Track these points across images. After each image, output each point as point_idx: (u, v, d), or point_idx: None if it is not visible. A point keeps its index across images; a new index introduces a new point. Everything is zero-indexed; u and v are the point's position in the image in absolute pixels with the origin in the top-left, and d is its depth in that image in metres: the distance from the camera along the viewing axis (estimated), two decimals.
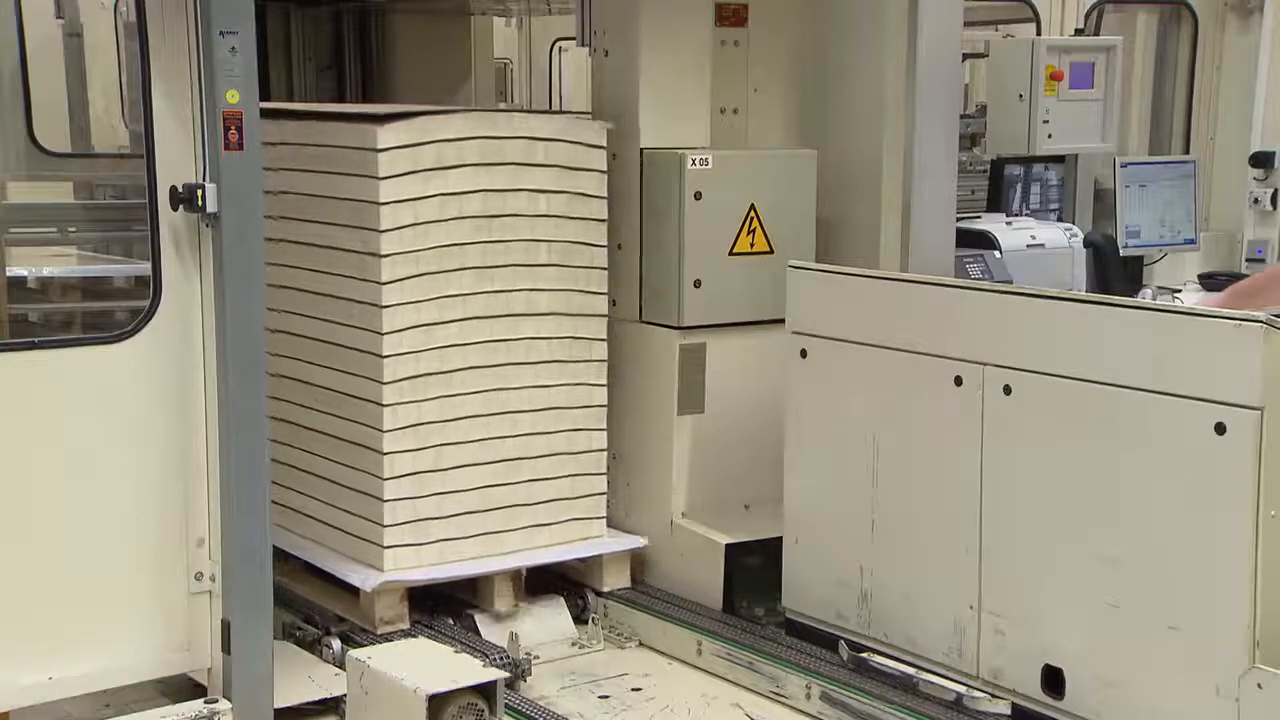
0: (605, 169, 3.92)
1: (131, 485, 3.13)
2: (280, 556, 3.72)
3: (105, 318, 5.20)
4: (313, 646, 3.70)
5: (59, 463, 3.07)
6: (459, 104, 5.10)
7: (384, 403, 3.67)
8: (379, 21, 5.45)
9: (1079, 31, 6.37)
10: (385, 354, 3.65)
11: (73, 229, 5.64)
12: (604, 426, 4.00)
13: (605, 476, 4.01)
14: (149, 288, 3.14)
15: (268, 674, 3.15)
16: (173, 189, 3.05)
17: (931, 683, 3.35)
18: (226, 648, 3.12)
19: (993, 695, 3.28)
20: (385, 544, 3.72)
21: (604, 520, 4.03)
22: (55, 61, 5.96)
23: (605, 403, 3.98)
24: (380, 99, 5.38)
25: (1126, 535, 3.02)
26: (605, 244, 3.95)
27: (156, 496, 3.15)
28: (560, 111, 3.98)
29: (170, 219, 3.09)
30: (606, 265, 3.96)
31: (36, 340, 3.35)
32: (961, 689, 3.31)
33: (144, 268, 3.20)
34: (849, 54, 4.22)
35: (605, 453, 4.00)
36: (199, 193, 3.01)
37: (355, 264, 3.71)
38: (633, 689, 3.60)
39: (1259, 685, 2.77)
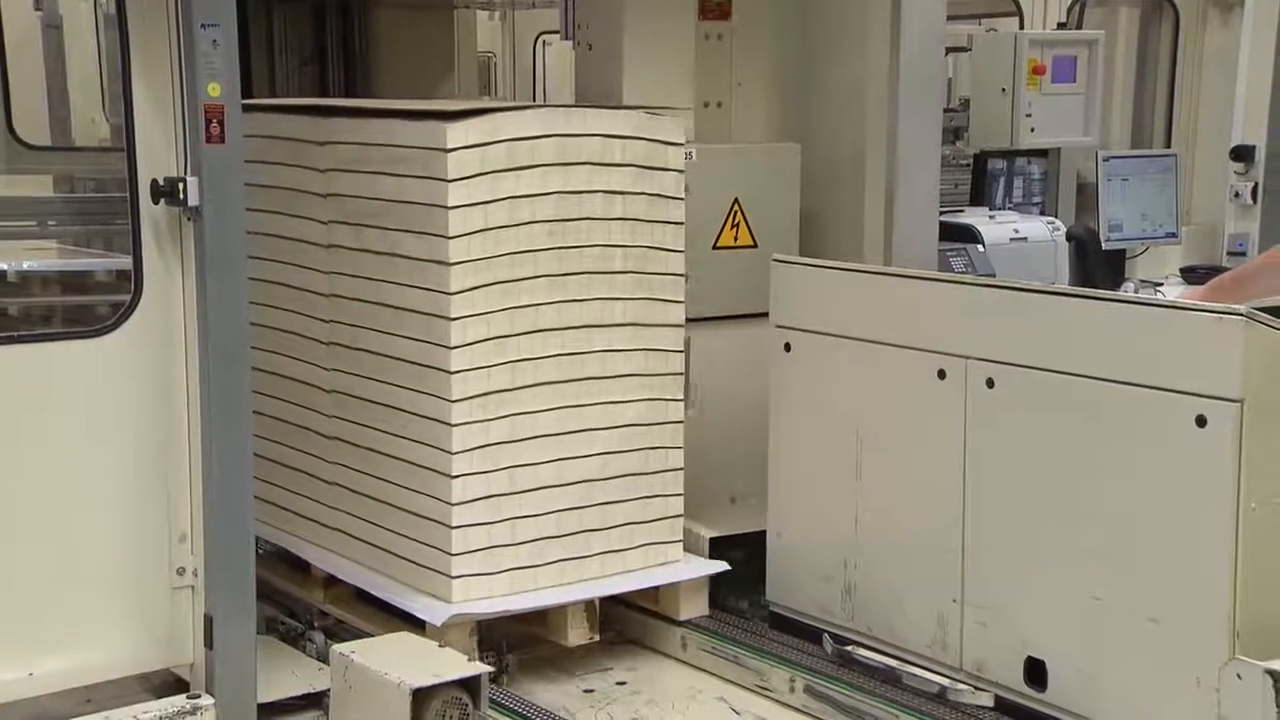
0: (683, 168, 3.67)
1: (113, 480, 3.12)
2: (331, 583, 3.63)
3: (86, 312, 5.17)
4: (296, 641, 3.69)
5: (39, 457, 3.05)
6: (442, 98, 5.08)
7: (452, 422, 3.37)
8: (362, 15, 5.43)
9: (1061, 25, 6.40)
10: (453, 369, 3.36)
11: (53, 223, 5.61)
12: (680, 444, 3.71)
13: (682, 498, 3.73)
14: (130, 281, 3.13)
15: (251, 669, 3.14)
16: (154, 182, 3.03)
17: (915, 675, 3.36)
18: (209, 643, 3.11)
19: (976, 688, 3.29)
20: (454, 574, 3.42)
21: (680, 544, 3.76)
22: (34, 54, 5.92)
23: (682, 418, 3.72)
24: (364, 93, 5.36)
25: (1108, 528, 3.03)
26: (683, 249, 3.68)
27: (138, 491, 3.13)
28: (634, 106, 3.72)
29: (151, 212, 3.07)
30: (684, 272, 3.69)
31: (16, 334, 3.33)
32: (945, 681, 3.32)
33: (125, 261, 3.19)
34: (833, 48, 4.22)
35: (681, 472, 3.72)
36: (180, 186, 3.00)
37: (419, 272, 3.42)
38: (617, 683, 3.60)
39: (1238, 676, 2.79)
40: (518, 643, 3.63)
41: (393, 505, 3.58)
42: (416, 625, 3.43)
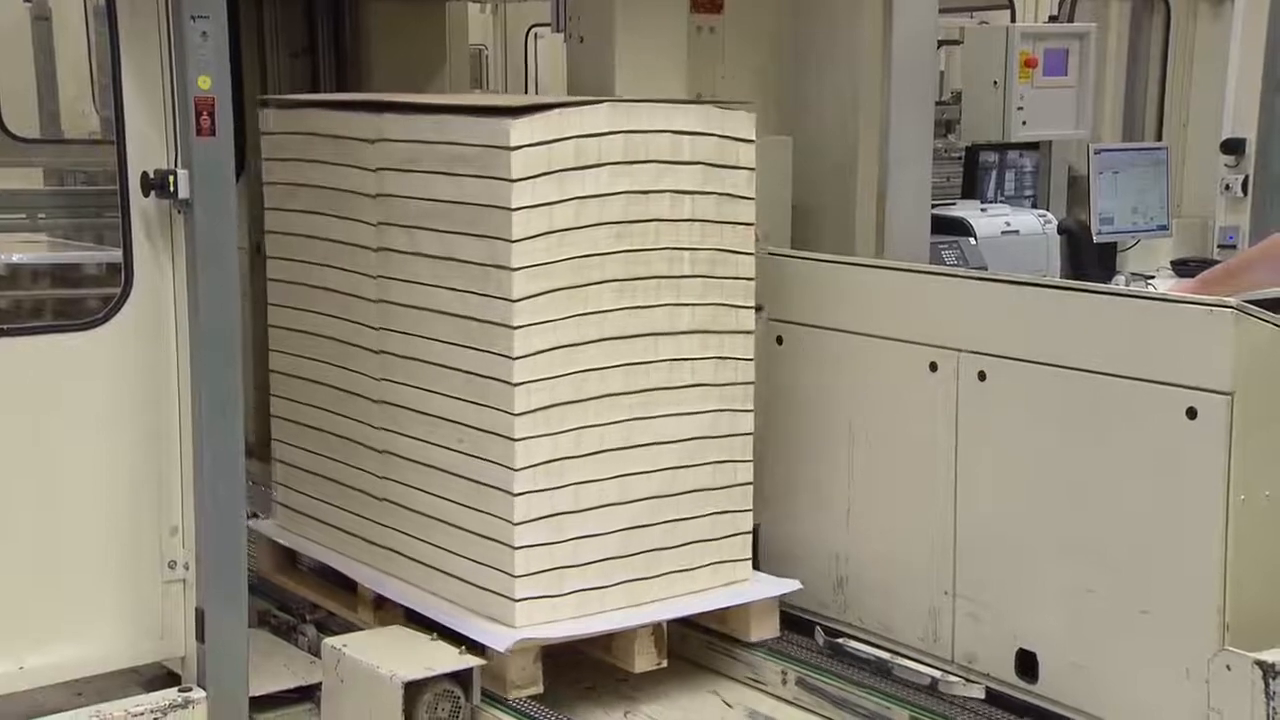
0: (754, 165, 3.48)
1: (104, 474, 3.11)
2: (381, 603, 3.49)
3: (76, 305, 5.16)
4: (288, 634, 3.69)
5: (30, 451, 3.05)
6: (434, 91, 5.07)
7: (515, 437, 3.16)
8: (353, 7, 5.41)
9: (1053, 19, 6.40)
10: (516, 381, 3.15)
11: (43, 216, 5.59)
12: (750, 458, 3.51)
13: (751, 513, 3.53)
14: (120, 274, 3.12)
15: (242, 662, 3.14)
16: (144, 175, 3.03)
17: (907, 667, 3.37)
18: (201, 636, 3.11)
19: (967, 679, 3.30)
20: (516, 596, 3.20)
21: (749, 562, 3.55)
22: (23, 46, 5.90)
23: (752, 430, 3.51)
24: (355, 86, 5.34)
25: (1099, 520, 3.04)
26: (753, 251, 3.50)
27: (129, 485, 3.13)
28: (699, 100, 3.52)
29: (142, 205, 3.06)
30: (754, 275, 3.50)
31: (6, 327, 3.32)
32: (936, 673, 3.32)
33: (115, 254, 3.18)
34: (824, 40, 4.22)
35: (751, 487, 3.53)
36: (171, 179, 2.99)
37: (480, 278, 3.21)
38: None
39: (1228, 667, 2.79)
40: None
41: (448, 523, 3.38)
42: (476, 650, 3.24)
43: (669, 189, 3.34)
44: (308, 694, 3.39)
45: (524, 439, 3.18)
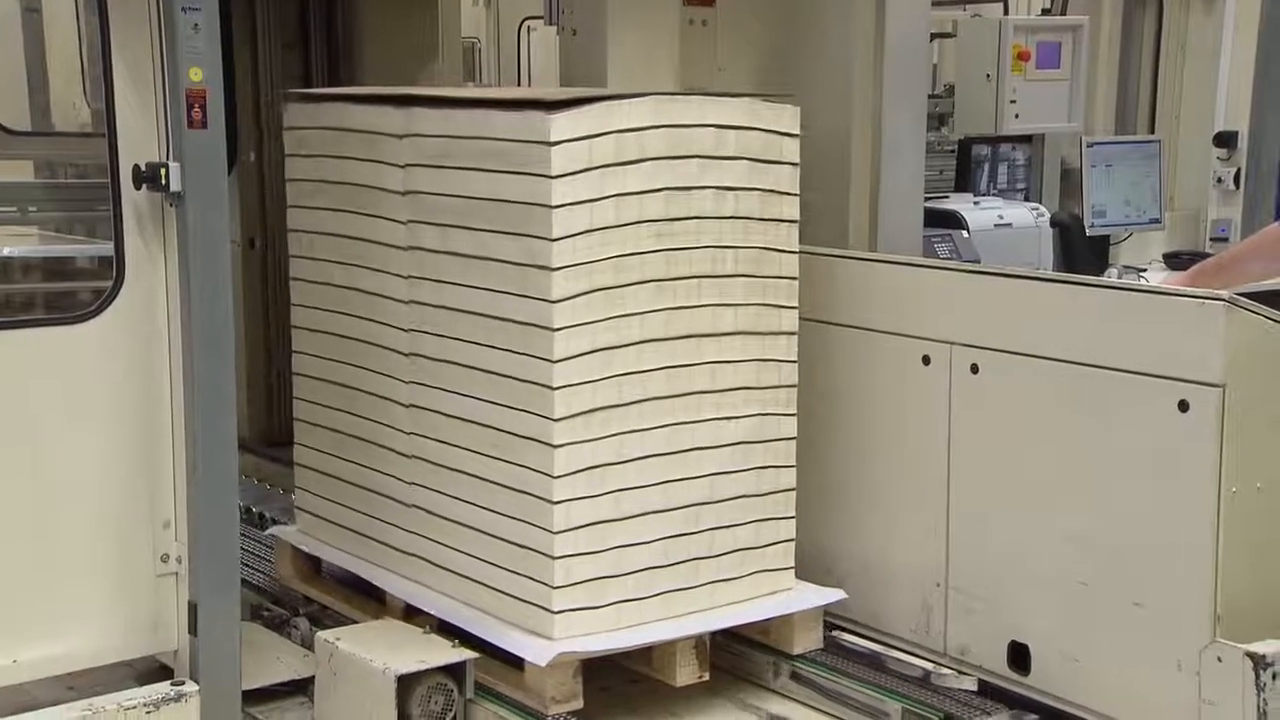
0: (798, 161, 3.39)
1: (96, 467, 3.10)
2: (411, 613, 3.40)
3: (68, 298, 5.14)
4: (281, 628, 3.68)
5: (22, 445, 3.04)
6: (426, 83, 5.06)
7: (555, 443, 3.06)
8: None
9: (1046, 11, 6.40)
10: (556, 385, 3.04)
11: (34, 208, 5.57)
12: (793, 463, 3.40)
13: (794, 520, 3.43)
14: (112, 268, 3.11)
15: (235, 656, 3.13)
16: (136, 168, 3.01)
17: (899, 660, 3.38)
18: (193, 629, 3.10)
19: (960, 672, 3.31)
20: (555, 608, 3.10)
21: (792, 571, 3.44)
22: (13, 38, 5.88)
23: (794, 434, 3.41)
24: (347, 78, 5.32)
25: (1091, 513, 3.04)
26: (796, 249, 3.40)
27: (121, 479, 3.12)
28: (748, 93, 3.41)
29: (133, 198, 3.05)
30: (797, 275, 3.40)
31: None
32: (929, 666, 3.33)
33: (107, 247, 3.17)
34: (816, 33, 4.21)
35: (794, 493, 3.42)
36: (162, 171, 2.98)
37: (517, 278, 3.10)
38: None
39: (1219, 659, 2.80)
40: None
41: (482, 531, 3.28)
42: (510, 663, 3.19)
43: (712, 185, 3.23)
44: (301, 687, 3.39)
45: (564, 445, 3.07)
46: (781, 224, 3.37)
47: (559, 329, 3.05)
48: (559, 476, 3.08)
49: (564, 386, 3.07)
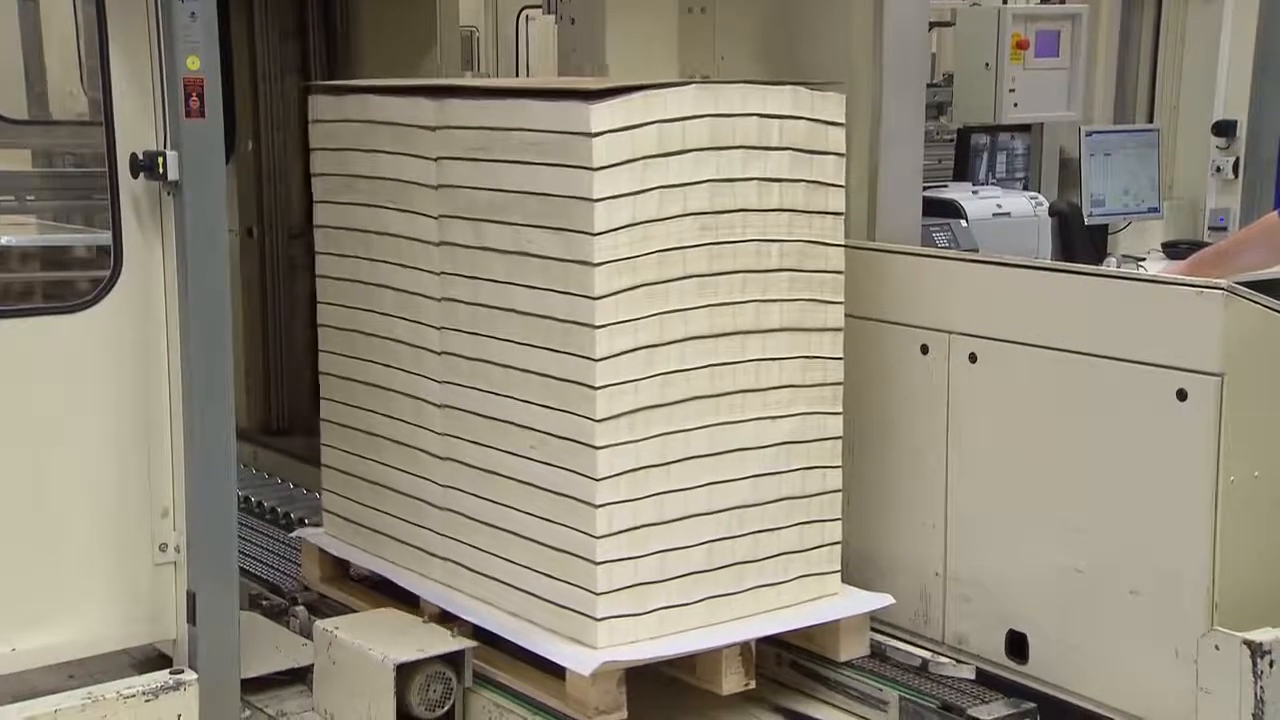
0: (844, 151, 3.28)
1: (94, 456, 3.11)
2: (445, 619, 3.32)
3: (66, 287, 5.14)
4: (279, 616, 3.69)
5: (20, 433, 3.04)
6: (424, 73, 5.05)
7: (597, 444, 2.94)
8: None
9: (1045, 0, 6.38)
10: (599, 384, 2.93)
11: (31, 197, 5.57)
12: (839, 463, 3.30)
13: (840, 522, 3.32)
14: (109, 256, 3.11)
15: (234, 644, 3.14)
16: (133, 156, 3.01)
17: (897, 648, 3.38)
18: (192, 618, 3.11)
19: (958, 660, 3.31)
20: (598, 615, 2.99)
21: (838, 575, 3.33)
22: (10, 26, 5.86)
23: (841, 434, 3.30)
24: (345, 67, 5.31)
25: (1089, 501, 3.05)
26: (842, 243, 3.29)
27: (120, 467, 3.12)
28: (792, 81, 3.29)
29: (131, 187, 3.05)
30: (843, 269, 3.29)
31: None
32: (927, 654, 3.34)
33: (104, 236, 3.17)
34: (815, 21, 4.20)
35: (840, 494, 3.32)
36: (160, 160, 2.98)
37: (557, 274, 2.99)
38: None
39: (1216, 647, 2.81)
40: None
41: (520, 535, 3.17)
42: (544, 669, 3.11)
43: (756, 176, 3.11)
44: (299, 676, 3.40)
45: (606, 446, 2.96)
46: (827, 216, 3.26)
47: (601, 326, 2.93)
48: (601, 479, 2.96)
49: (606, 386, 2.95)
